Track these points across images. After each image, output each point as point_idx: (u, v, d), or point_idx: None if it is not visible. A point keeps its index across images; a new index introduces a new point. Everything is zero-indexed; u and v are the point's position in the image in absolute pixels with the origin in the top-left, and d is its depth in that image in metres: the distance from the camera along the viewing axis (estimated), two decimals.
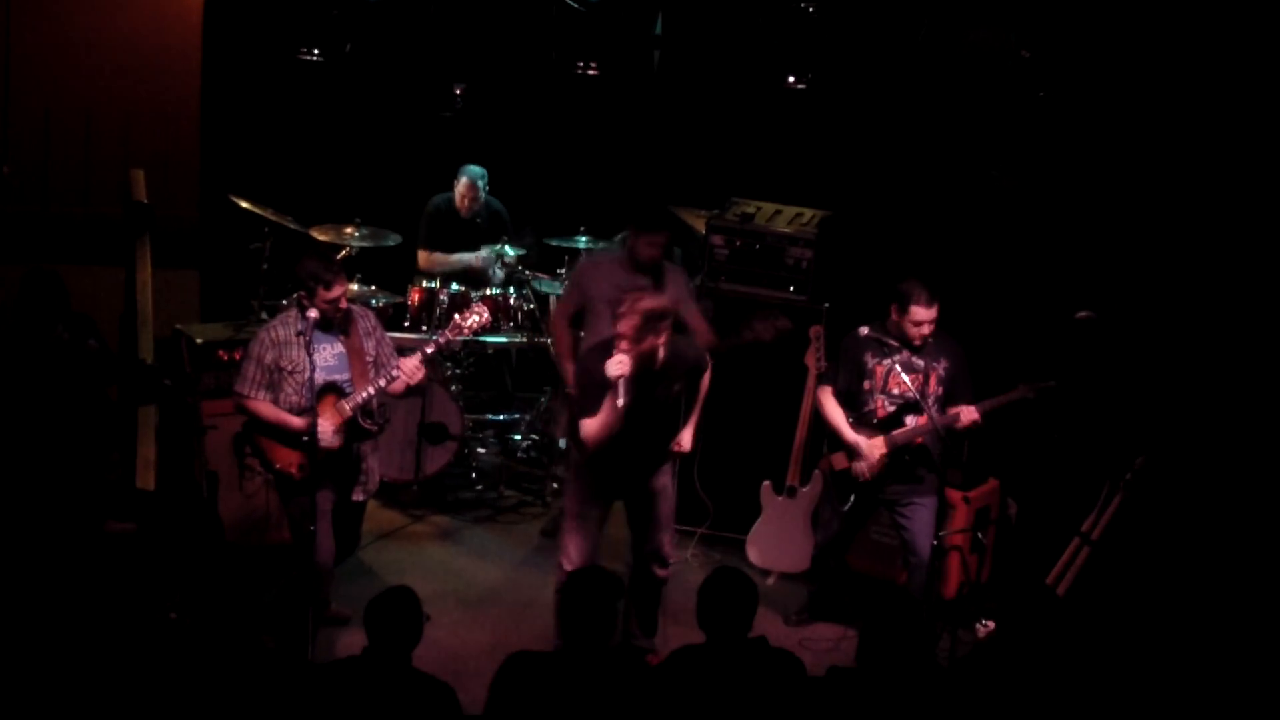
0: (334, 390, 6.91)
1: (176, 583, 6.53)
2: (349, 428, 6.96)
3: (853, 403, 7.39)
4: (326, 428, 6.81)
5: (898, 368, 7.19)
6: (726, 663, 5.35)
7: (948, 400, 7.23)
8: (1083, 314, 7.81)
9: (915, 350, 7.23)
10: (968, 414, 7.10)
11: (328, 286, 6.85)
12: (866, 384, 7.35)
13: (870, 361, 7.32)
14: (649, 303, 6.54)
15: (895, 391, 7.31)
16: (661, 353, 6.59)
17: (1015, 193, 8.87)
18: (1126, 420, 7.84)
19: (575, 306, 7.95)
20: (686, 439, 7.24)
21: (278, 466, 6.91)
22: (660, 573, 7.10)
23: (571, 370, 7.92)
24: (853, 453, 7.35)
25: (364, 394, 6.93)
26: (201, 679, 5.53)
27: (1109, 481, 7.32)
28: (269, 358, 6.89)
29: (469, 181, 9.46)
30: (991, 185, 8.95)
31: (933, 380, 7.25)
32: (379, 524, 8.65)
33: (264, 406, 6.89)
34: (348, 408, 6.91)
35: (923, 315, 7.14)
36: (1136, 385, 7.98)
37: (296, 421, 6.80)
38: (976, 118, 8.97)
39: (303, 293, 6.88)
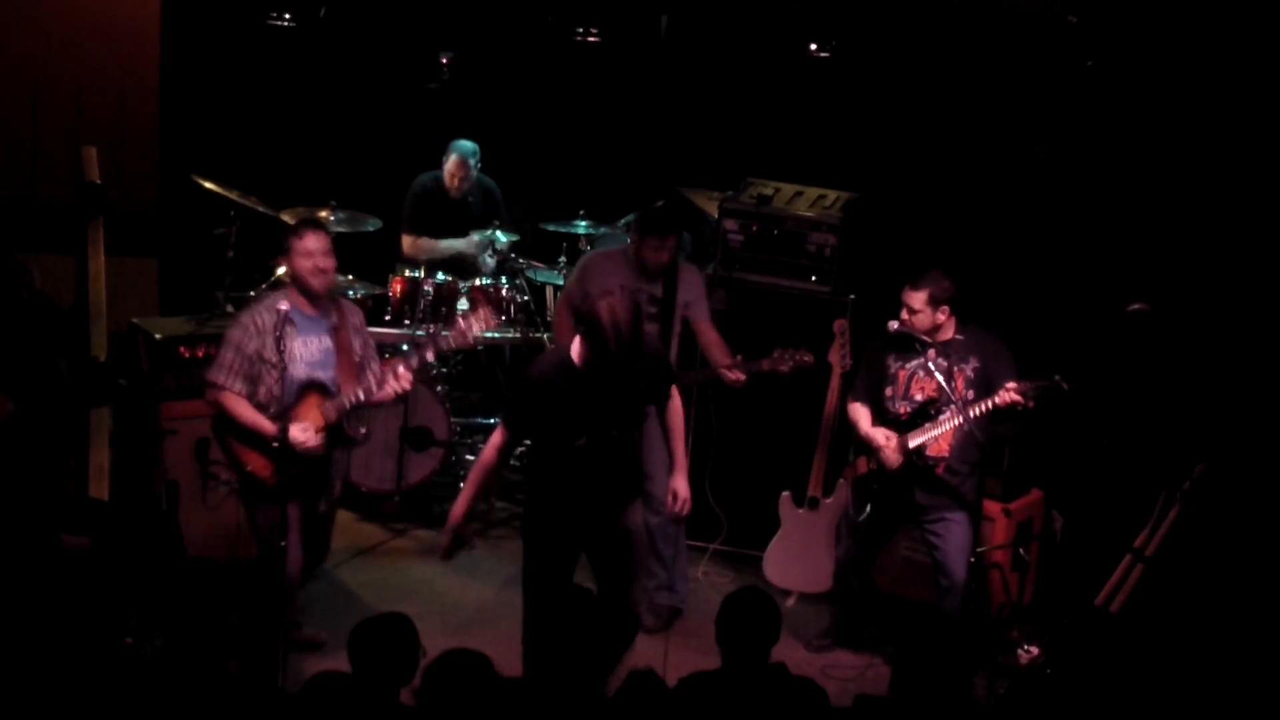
0: (318, 389, 6.90)
1: (133, 603, 6.52)
2: (331, 433, 6.95)
3: (876, 411, 7.39)
4: (302, 435, 6.81)
5: (925, 368, 7.17)
6: (742, 691, 5.35)
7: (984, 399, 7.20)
8: (1136, 306, 7.80)
9: (943, 348, 7.20)
10: (1004, 395, 6.96)
11: (299, 235, 6.86)
12: (888, 390, 7.34)
13: (892, 366, 7.32)
14: None
15: (918, 397, 7.29)
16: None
17: (1061, 172, 8.86)
18: (1185, 423, 7.83)
19: (580, 300, 8.01)
20: (682, 488, 6.80)
21: (248, 468, 6.90)
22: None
23: None
24: (871, 452, 7.35)
25: (351, 398, 6.93)
26: (160, 709, 5.52)
27: (1165, 492, 7.30)
28: (251, 347, 6.84)
29: (459, 158, 9.45)
30: (1035, 164, 8.94)
31: (959, 381, 7.20)
32: (357, 539, 8.65)
33: (241, 405, 6.85)
34: (332, 411, 6.90)
35: (906, 298, 7.17)
36: (1196, 384, 7.97)
37: (272, 429, 6.78)
38: (1018, 89, 8.96)
39: (280, 258, 6.87)
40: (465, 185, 9.49)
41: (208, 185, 8.82)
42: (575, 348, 6.28)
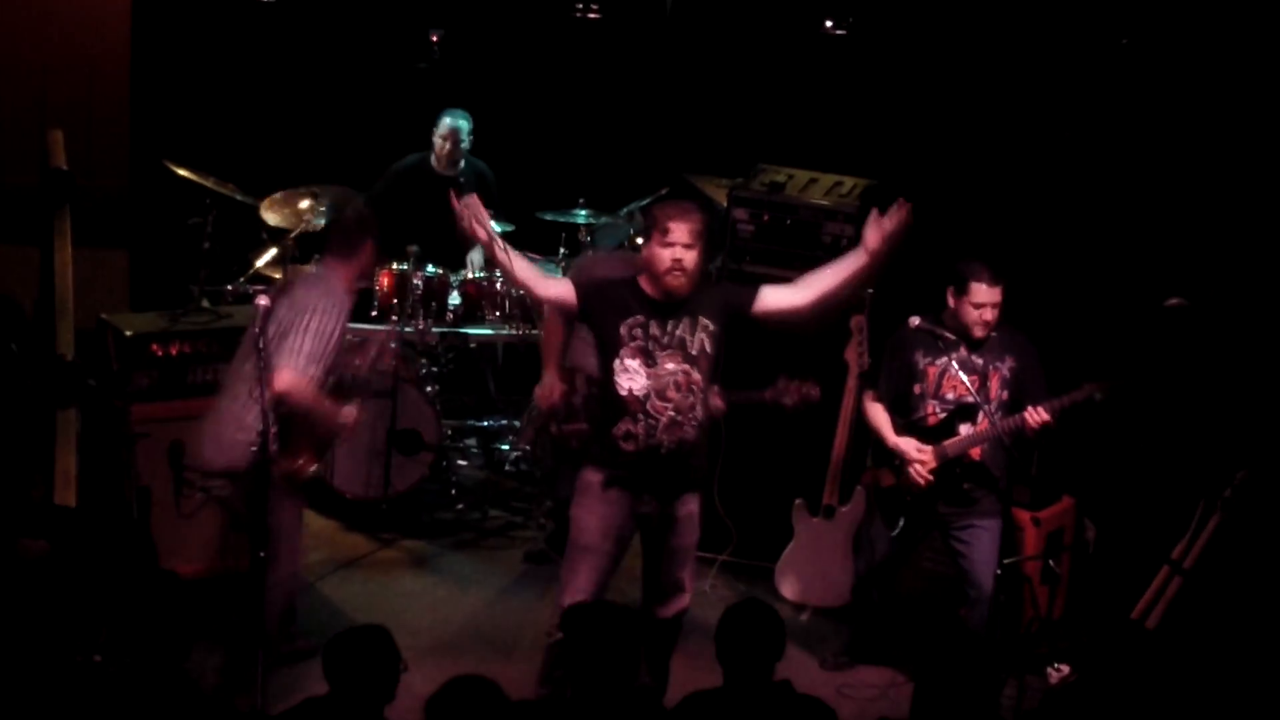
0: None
1: (101, 619, 6.52)
2: None
3: (900, 408, 7.38)
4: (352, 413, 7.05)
5: (954, 367, 7.17)
6: (745, 710, 5.35)
7: (1015, 405, 7.20)
8: (1174, 301, 7.79)
9: (975, 346, 7.21)
10: (1034, 415, 7.06)
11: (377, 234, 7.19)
12: (917, 388, 7.33)
13: (921, 361, 7.31)
14: None
15: (950, 396, 7.29)
16: (685, 284, 6.55)
17: (1093, 157, 8.86)
18: (1225, 426, 7.82)
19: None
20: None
21: (299, 462, 6.98)
22: (675, 609, 7.01)
23: (552, 374, 7.92)
24: (898, 462, 7.34)
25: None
26: None
27: (1204, 499, 7.30)
28: (338, 333, 6.85)
29: (452, 126, 9.44)
30: (1065, 148, 8.94)
31: (994, 382, 7.22)
32: (341, 550, 8.65)
33: (319, 395, 6.90)
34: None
35: (984, 296, 7.12)
36: (1237, 385, 7.96)
37: (344, 416, 6.98)
38: (1047, 69, 8.96)
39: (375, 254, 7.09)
40: (457, 157, 9.48)
41: (182, 172, 8.84)
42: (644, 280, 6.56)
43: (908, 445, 7.29)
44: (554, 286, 6.78)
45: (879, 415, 7.43)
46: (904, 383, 7.37)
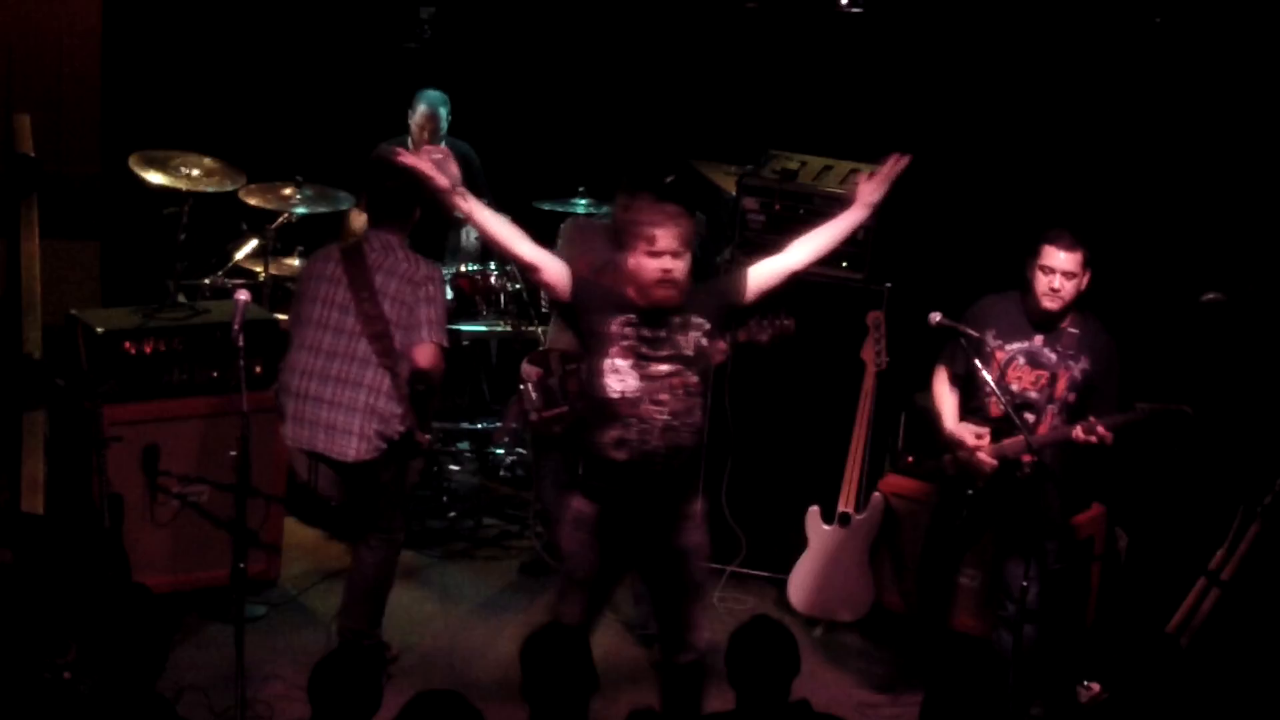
0: None
1: (70, 634, 6.50)
2: None
3: (964, 391, 7.24)
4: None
5: (1029, 356, 7.04)
6: None
7: (1080, 410, 7.04)
8: (1211, 296, 7.76)
9: (1048, 328, 7.03)
10: (1084, 433, 6.90)
11: None
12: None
13: (991, 342, 7.08)
14: None
15: (1014, 387, 7.09)
16: (676, 296, 6.42)
17: (1126, 143, 8.83)
18: (1266, 430, 7.80)
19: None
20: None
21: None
22: (692, 654, 6.87)
23: None
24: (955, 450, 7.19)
25: None
26: None
27: (1243, 507, 7.27)
28: None
29: (428, 110, 9.42)
30: (1092, 134, 8.91)
31: (1062, 381, 7.05)
32: (326, 561, 8.62)
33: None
34: None
35: (1054, 261, 6.93)
36: (1278, 385, 7.94)
37: None
38: (1076, 49, 8.93)
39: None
40: (433, 142, 9.46)
41: (151, 178, 8.75)
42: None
43: (965, 431, 7.15)
44: (542, 255, 6.52)
45: (946, 400, 7.26)
46: (972, 362, 7.17)
